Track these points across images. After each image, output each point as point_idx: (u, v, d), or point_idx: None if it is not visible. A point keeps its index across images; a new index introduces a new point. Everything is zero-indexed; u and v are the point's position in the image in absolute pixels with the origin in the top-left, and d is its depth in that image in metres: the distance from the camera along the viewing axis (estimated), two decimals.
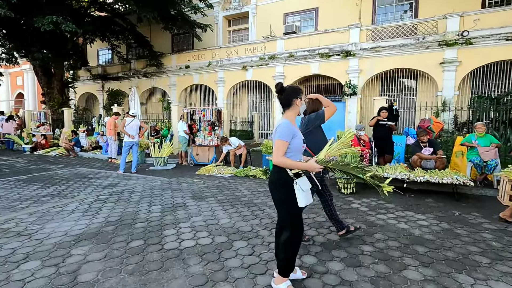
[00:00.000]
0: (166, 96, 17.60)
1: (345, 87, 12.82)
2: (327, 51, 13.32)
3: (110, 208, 4.08)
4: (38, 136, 11.98)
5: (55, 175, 6.66)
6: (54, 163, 8.69)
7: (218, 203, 4.36)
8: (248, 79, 15.43)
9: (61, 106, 14.24)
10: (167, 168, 7.60)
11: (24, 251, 2.72)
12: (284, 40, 14.45)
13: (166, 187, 5.46)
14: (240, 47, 15.57)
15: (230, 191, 5.12)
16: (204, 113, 7.95)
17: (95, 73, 19.54)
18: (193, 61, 16.66)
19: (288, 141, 1.98)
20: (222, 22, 17.72)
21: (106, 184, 5.68)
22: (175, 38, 18.97)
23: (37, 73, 14.56)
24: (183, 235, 3.12)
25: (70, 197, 4.70)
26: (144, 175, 6.66)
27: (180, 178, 6.31)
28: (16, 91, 26.22)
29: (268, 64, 14.65)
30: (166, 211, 3.95)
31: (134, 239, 3.00)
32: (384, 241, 3.00)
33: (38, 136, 11.98)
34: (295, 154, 2.05)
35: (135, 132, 7.05)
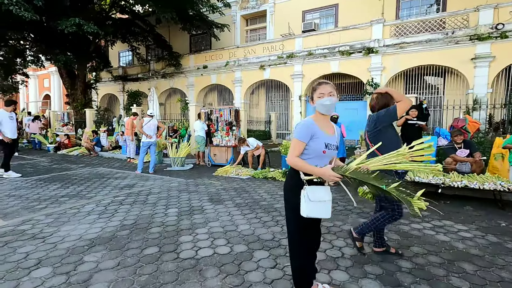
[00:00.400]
0: (184, 97, 17.70)
1: (367, 85, 12.30)
2: (348, 48, 12.85)
3: (126, 211, 3.97)
4: (62, 136, 12.32)
5: (75, 175, 6.71)
6: (76, 162, 8.84)
7: (236, 207, 4.15)
8: (266, 78, 15.19)
9: (83, 107, 14.62)
10: (185, 169, 7.50)
11: (36, 256, 2.61)
12: (302, 38, 14.10)
13: (183, 188, 5.32)
14: (258, 46, 15.37)
15: (248, 194, 4.90)
16: (221, 113, 7.80)
17: (116, 74, 20.00)
18: (210, 61, 16.64)
19: (305, 141, 1.79)
20: (240, 22, 17.58)
21: (124, 185, 5.62)
22: (193, 38, 19.06)
23: (62, 75, 15.04)
24: (200, 242, 2.93)
25: (88, 198, 4.65)
26: (162, 176, 6.57)
27: (197, 180, 6.16)
28: (43, 92, 27.40)
29: (286, 63, 14.35)
30: (183, 215, 3.78)
31: (149, 246, 2.83)
32: (423, 255, 2.66)
33: (62, 136, 12.32)
34: (314, 158, 1.80)
35: (152, 132, 7.00)
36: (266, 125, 16.42)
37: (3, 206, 4.16)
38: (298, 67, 14.19)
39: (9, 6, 8.67)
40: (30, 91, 27.79)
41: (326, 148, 1.80)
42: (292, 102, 14.87)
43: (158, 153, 8.42)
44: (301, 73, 14.06)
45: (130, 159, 8.95)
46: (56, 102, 25.39)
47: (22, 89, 25.56)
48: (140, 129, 7.00)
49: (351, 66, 12.86)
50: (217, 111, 7.95)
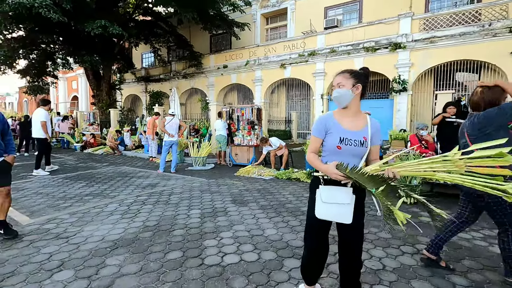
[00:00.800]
0: (204, 96, 17.77)
1: (394, 82, 11.70)
2: (373, 44, 12.30)
3: (148, 211, 3.88)
4: (88, 135, 12.70)
5: (100, 173, 6.80)
6: (100, 161, 9.02)
7: (261, 209, 3.94)
8: (287, 77, 14.90)
9: (108, 107, 15.02)
10: (206, 169, 7.41)
11: (59, 257, 2.54)
12: (325, 35, 13.68)
13: (205, 189, 5.19)
14: (279, 44, 15.11)
15: (272, 195, 4.68)
16: (243, 111, 7.63)
17: (139, 75, 20.47)
18: (231, 61, 16.59)
19: (319, 137, 1.71)
20: (260, 20, 17.40)
21: (146, 184, 5.59)
22: (213, 38, 19.12)
23: (88, 77, 15.56)
24: (225, 247, 2.75)
25: (111, 197, 4.63)
26: (183, 175, 6.50)
27: (219, 180, 6.03)
28: (72, 94, 28.64)
29: (307, 61, 13.99)
30: (206, 217, 3.63)
31: (172, 250, 2.69)
32: (479, 271, 2.32)
33: (88, 135, 12.70)
34: (330, 154, 1.68)
35: (174, 131, 6.98)
36: (286, 125, 16.13)
37: (31, 203, 4.20)
38: (320, 65, 13.80)
39: (39, 9, 8.99)
40: (60, 93, 29.14)
41: (342, 144, 1.63)
42: (313, 101, 14.49)
43: (180, 152, 8.40)
44: (323, 71, 13.65)
45: (152, 158, 9.01)
46: (83, 102, 26.44)
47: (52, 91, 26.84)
48: (162, 128, 6.99)
49: (376, 63, 12.29)
50: (239, 110, 7.80)
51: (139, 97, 21.30)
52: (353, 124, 1.67)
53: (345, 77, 1.64)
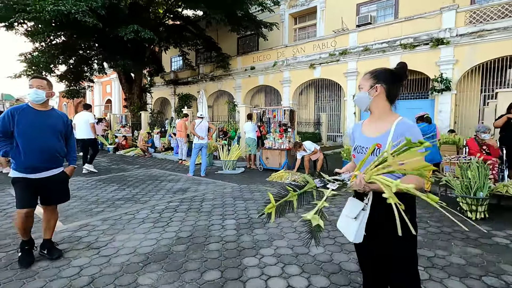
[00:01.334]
0: (231, 98, 17.71)
1: (435, 81, 10.80)
2: (412, 40, 11.47)
3: (180, 219, 3.65)
4: (120, 137, 13.03)
5: (131, 176, 6.78)
6: (132, 163, 9.11)
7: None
8: (316, 77, 14.38)
9: (139, 110, 15.40)
10: (236, 173, 7.16)
11: (90, 272, 2.35)
12: (357, 33, 13.02)
13: (237, 195, 4.91)
14: (308, 44, 14.66)
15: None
16: (275, 113, 7.30)
17: (168, 79, 20.92)
18: (258, 62, 16.39)
19: (351, 144, 1.67)
20: (288, 20, 17.04)
21: (177, 189, 5.42)
22: (240, 40, 19.06)
23: (121, 81, 16.08)
24: (268, 268, 2.41)
25: (142, 202, 4.49)
26: (214, 180, 6.29)
27: (251, 185, 5.73)
28: (106, 97, 30.04)
29: (338, 60, 13.39)
30: (242, 228, 3.33)
31: (209, 269, 2.40)
32: None
33: (120, 137, 13.03)
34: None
35: (204, 133, 6.84)
36: (315, 127, 15.57)
37: (64, 207, 4.16)
38: (352, 64, 13.15)
39: (76, 15, 9.32)
40: (95, 96, 30.69)
41: (355, 151, 1.57)
42: (344, 102, 13.85)
43: (209, 155, 8.24)
44: (355, 71, 12.98)
45: (181, 161, 8.94)
46: (116, 105, 27.57)
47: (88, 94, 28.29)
48: (192, 131, 6.88)
49: (415, 61, 11.42)
50: (270, 112, 7.47)
51: (168, 100, 21.76)
52: (372, 130, 1.53)
53: (365, 79, 1.52)
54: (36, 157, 2.41)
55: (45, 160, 2.46)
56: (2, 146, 2.41)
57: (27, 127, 2.40)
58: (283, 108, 7.31)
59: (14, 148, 2.40)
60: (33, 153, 2.39)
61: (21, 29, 12.61)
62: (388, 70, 1.50)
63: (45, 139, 2.46)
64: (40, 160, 2.43)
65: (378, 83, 1.46)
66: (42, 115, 2.50)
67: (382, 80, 1.46)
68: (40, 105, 2.49)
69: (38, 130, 2.43)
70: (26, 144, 2.39)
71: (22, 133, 2.38)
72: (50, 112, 2.58)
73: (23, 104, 2.49)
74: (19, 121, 2.38)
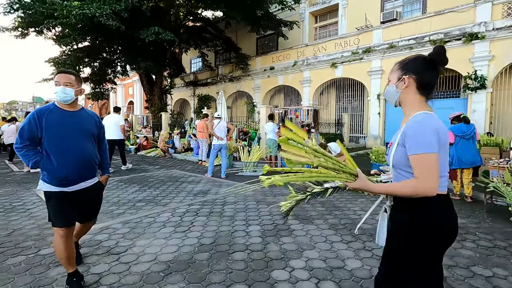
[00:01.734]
0: (250, 99, 17.58)
1: (468, 79, 10.08)
2: (442, 36, 10.81)
3: (202, 224, 3.48)
4: (141, 137, 13.20)
5: (152, 177, 6.74)
6: (152, 163, 9.13)
7: (332, 229, 3.29)
8: (338, 76, 13.93)
9: (160, 111, 15.59)
10: (257, 174, 6.94)
11: (109, 281, 2.20)
12: (382, 30, 12.47)
13: (260, 199, 4.69)
14: (329, 42, 14.24)
15: (340, 210, 3.98)
16: (297, 113, 7.03)
17: (188, 80, 21.13)
18: (277, 62, 16.15)
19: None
20: (308, 19, 16.67)
21: (197, 191, 5.28)
22: (259, 41, 18.91)
23: (143, 82, 16.38)
24: (301, 284, 2.16)
25: (163, 205, 4.37)
26: (234, 182, 6.10)
27: (273, 188, 5.49)
28: (128, 99, 30.88)
29: (362, 58, 12.88)
30: (268, 236, 3.10)
31: (235, 282, 2.19)
32: None
33: (141, 137, 13.20)
34: None
35: (223, 134, 6.71)
36: (337, 128, 15.07)
37: None
38: (376, 63, 12.61)
39: (100, 18, 9.52)
40: (118, 98, 31.63)
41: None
42: (368, 102, 13.29)
43: (229, 156, 8.08)
44: (380, 69, 12.43)
45: (201, 162, 8.85)
46: (138, 107, 28.24)
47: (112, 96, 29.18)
48: (211, 131, 6.75)
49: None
50: (293, 112, 7.21)
51: (188, 101, 21.97)
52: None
53: (392, 70, 1.36)
54: (70, 166, 2.04)
55: (80, 169, 2.10)
56: (31, 155, 2.02)
57: (57, 131, 2.03)
58: (306, 108, 7.03)
59: (44, 157, 2.04)
60: (67, 162, 2.03)
61: (50, 34, 13.12)
62: (419, 57, 1.29)
63: (79, 144, 2.10)
64: (75, 170, 2.07)
65: (406, 74, 1.27)
66: (72, 117, 2.13)
67: (411, 70, 1.26)
68: (69, 105, 2.12)
69: (69, 134, 2.07)
70: (58, 152, 2.02)
71: (52, 138, 2.02)
72: (80, 113, 2.20)
73: (50, 104, 2.11)
74: (47, 125, 2.01)
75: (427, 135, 1.13)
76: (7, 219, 3.71)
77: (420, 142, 1.13)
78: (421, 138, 1.13)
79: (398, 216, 1.25)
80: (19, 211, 4.03)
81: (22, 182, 6.09)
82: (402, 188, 1.16)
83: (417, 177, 1.12)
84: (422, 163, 1.11)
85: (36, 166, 2.04)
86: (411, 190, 1.12)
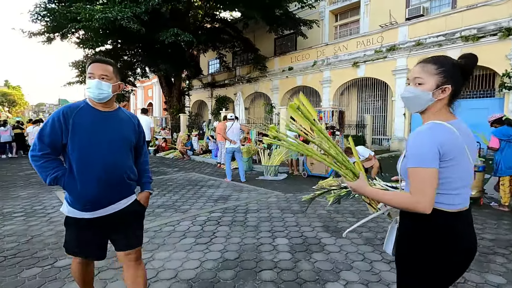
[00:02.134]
0: (268, 100, 17.33)
1: (504, 77, 9.35)
2: (475, 32, 10.10)
3: (225, 235, 3.24)
4: (160, 139, 13.25)
5: (171, 180, 6.62)
6: (171, 166, 9.05)
7: (368, 244, 2.95)
8: (360, 76, 13.40)
9: (178, 112, 15.65)
10: (278, 179, 6.65)
11: None
12: (408, 26, 11.87)
13: (285, 206, 4.40)
14: (351, 41, 13.74)
15: (375, 222, 3.62)
16: (321, 115, 6.68)
17: (205, 81, 21.19)
18: (296, 62, 15.82)
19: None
20: (328, 18, 16.22)
21: (218, 196, 5.07)
22: (277, 41, 18.66)
23: (162, 84, 16.53)
24: None
25: (183, 211, 4.18)
26: (255, 187, 5.84)
27: (297, 194, 5.18)
28: (148, 101, 31.49)
29: (386, 57, 12.31)
30: (298, 251, 2.81)
31: None
32: None
33: (160, 139, 13.25)
34: None
35: (236, 137, 6.48)
36: (358, 130, 14.51)
37: None
38: (401, 61, 12.01)
39: (121, 21, 9.61)
40: (138, 100, 32.33)
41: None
42: (392, 103, 12.71)
43: (248, 159, 7.85)
44: (405, 68, 11.83)
45: (220, 165, 8.67)
46: (157, 109, 28.70)
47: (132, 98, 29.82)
48: (223, 135, 6.53)
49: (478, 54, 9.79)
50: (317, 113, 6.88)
51: (205, 103, 22.02)
52: None
53: (427, 71, 1.13)
54: (97, 185, 1.55)
55: (111, 187, 1.60)
56: (50, 168, 1.53)
57: (85, 137, 1.55)
58: (330, 109, 6.68)
59: (67, 172, 1.56)
60: (93, 178, 1.54)
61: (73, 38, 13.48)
62: (456, 64, 1.12)
63: (111, 157, 1.59)
64: (104, 189, 1.57)
65: (448, 83, 1.10)
66: (108, 119, 1.64)
67: (452, 78, 1.10)
68: (104, 104, 1.64)
69: (101, 142, 1.58)
70: (84, 165, 1.54)
71: (78, 146, 1.54)
72: (117, 114, 1.71)
73: (80, 102, 1.65)
74: (75, 128, 1.53)
75: (424, 147, 1.04)
76: (27, 223, 3.64)
77: (416, 155, 1.05)
78: (417, 150, 1.06)
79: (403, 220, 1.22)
80: (39, 215, 3.97)
81: (44, 184, 6.11)
82: (396, 199, 1.09)
83: (410, 191, 1.06)
84: (416, 177, 1.04)
85: (55, 182, 1.53)
86: (405, 204, 1.06)
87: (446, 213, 1.07)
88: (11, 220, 3.78)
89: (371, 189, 1.20)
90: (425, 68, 1.13)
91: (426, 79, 1.12)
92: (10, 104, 44.95)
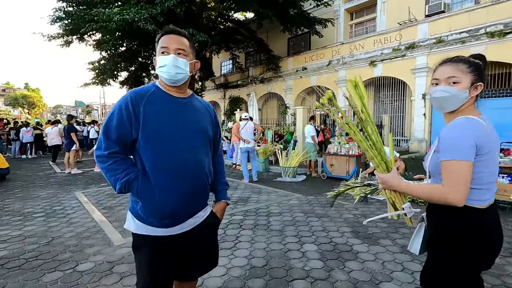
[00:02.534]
0: (281, 101, 17.16)
1: None
2: (501, 27, 9.63)
3: (249, 240, 3.08)
4: None
5: None
6: None
7: (406, 253, 2.72)
8: (377, 75, 13.03)
9: None
10: (297, 180, 6.45)
11: None
12: (428, 23, 11.44)
13: (308, 209, 4.20)
14: (367, 39, 13.38)
15: (407, 228, 3.38)
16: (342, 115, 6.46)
17: (218, 82, 21.24)
18: (310, 62, 15.56)
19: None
20: (343, 16, 15.90)
21: (237, 198, 4.92)
22: (291, 41, 18.48)
23: None
24: None
25: None
26: (274, 189, 5.67)
27: (318, 197, 4.97)
28: None
29: (404, 55, 11.91)
30: (329, 259, 2.62)
31: None
32: None
33: None
34: None
35: (250, 136, 6.35)
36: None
37: (125, 215, 3.91)
38: (421, 59, 11.60)
39: (138, 23, 9.69)
40: None
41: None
42: (411, 102, 12.29)
43: (265, 160, 7.69)
44: (426, 66, 11.42)
45: (235, 166, 8.55)
46: None
47: None
48: (237, 134, 6.41)
49: (505, 51, 9.59)
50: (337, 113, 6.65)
51: (218, 103, 22.03)
52: None
53: (461, 70, 1.13)
54: (179, 192, 1.21)
55: (194, 195, 1.27)
56: (120, 170, 1.19)
57: (161, 130, 1.21)
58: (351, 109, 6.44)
59: (140, 175, 1.21)
60: (173, 183, 1.20)
61: (90, 40, 13.71)
62: (478, 63, 1.17)
63: (193, 154, 1.26)
64: (186, 197, 1.23)
65: (479, 81, 1.14)
66: (183, 108, 1.29)
67: (481, 77, 1.15)
68: (177, 88, 1.29)
69: (181, 136, 1.24)
70: (161, 166, 1.20)
71: (153, 142, 1.19)
72: (192, 101, 1.36)
73: (149, 86, 1.29)
74: (147, 118, 1.18)
75: (461, 140, 1.05)
76: (47, 225, 3.59)
77: (452, 147, 1.06)
78: (453, 143, 1.06)
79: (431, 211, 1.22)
80: (59, 216, 3.92)
81: (63, 184, 6.15)
82: (429, 192, 1.09)
83: (443, 184, 1.06)
84: (450, 170, 1.05)
85: (127, 191, 1.20)
86: (438, 197, 1.06)
87: (476, 210, 1.08)
88: (31, 220, 3.74)
89: (404, 182, 1.19)
90: (459, 67, 1.14)
91: (462, 78, 1.13)
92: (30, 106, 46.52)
